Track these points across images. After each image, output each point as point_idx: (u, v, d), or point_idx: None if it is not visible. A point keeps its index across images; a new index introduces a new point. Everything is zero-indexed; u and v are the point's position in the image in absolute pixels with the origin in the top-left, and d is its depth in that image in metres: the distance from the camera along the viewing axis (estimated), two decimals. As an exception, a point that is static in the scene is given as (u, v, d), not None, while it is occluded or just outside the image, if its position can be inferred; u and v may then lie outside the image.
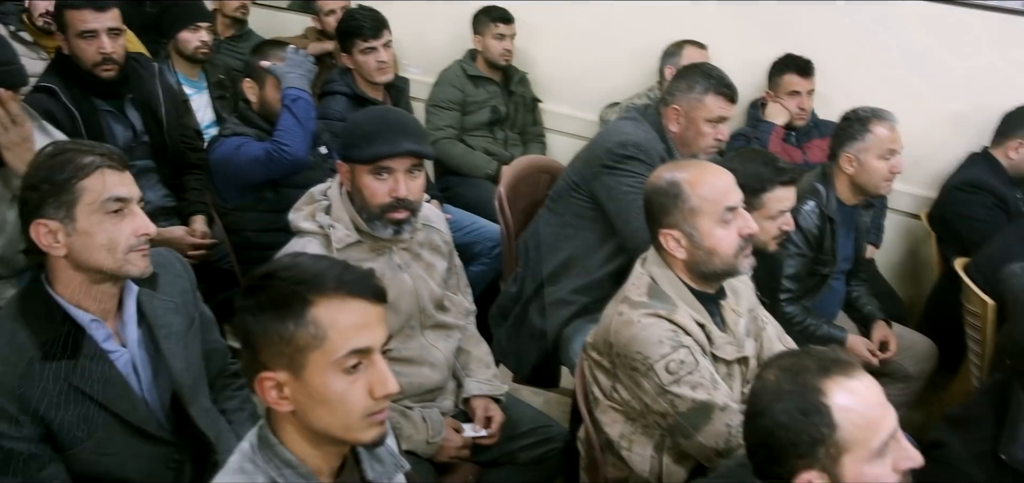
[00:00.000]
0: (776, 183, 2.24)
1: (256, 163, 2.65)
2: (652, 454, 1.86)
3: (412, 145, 1.96)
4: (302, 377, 1.20)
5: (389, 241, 2.03)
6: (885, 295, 3.35)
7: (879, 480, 1.25)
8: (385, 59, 3.23)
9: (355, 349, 1.21)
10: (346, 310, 1.21)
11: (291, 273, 1.22)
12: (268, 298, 1.21)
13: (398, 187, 1.95)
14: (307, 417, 1.23)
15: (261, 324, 1.21)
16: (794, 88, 3.50)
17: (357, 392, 1.22)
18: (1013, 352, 1.68)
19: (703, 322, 1.81)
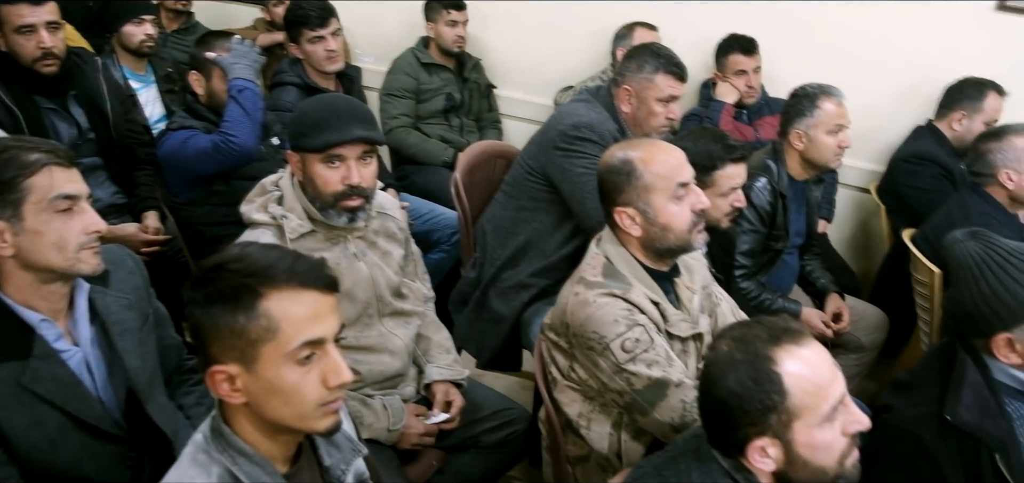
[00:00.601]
0: (727, 160, 2.27)
1: (204, 156, 2.61)
2: (610, 431, 1.88)
3: (363, 131, 1.95)
4: (254, 370, 1.19)
5: (344, 230, 2.01)
6: (838, 268, 3.42)
7: (829, 444, 1.28)
8: (334, 47, 3.20)
9: (308, 341, 1.20)
10: (298, 302, 1.20)
11: (241, 265, 1.20)
12: (217, 291, 1.19)
13: (350, 174, 1.94)
14: (261, 408, 1.22)
15: (211, 317, 1.19)
16: (740, 67, 3.55)
17: (311, 382, 1.22)
18: (956, 315, 1.72)
19: (658, 300, 1.83)
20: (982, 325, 1.65)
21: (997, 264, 1.65)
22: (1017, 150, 2.68)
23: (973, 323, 1.67)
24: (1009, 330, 1.62)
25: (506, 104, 3.98)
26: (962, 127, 3.28)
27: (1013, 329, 1.62)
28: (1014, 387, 1.68)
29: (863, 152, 3.65)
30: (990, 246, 1.68)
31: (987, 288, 1.64)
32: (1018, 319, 1.61)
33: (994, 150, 2.71)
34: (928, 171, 3.25)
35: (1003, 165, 2.69)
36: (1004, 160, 2.69)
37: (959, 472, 1.61)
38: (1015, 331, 1.62)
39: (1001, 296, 1.62)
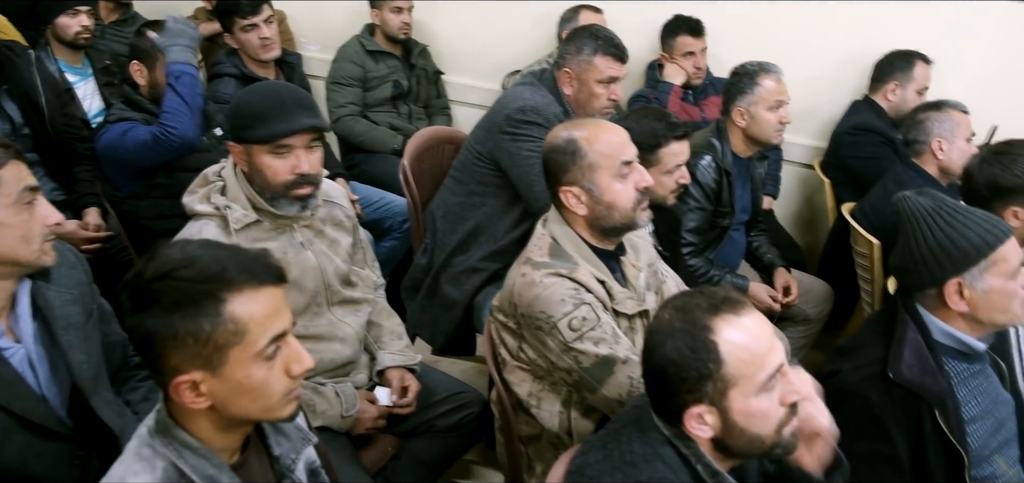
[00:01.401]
0: (670, 138, 2.30)
1: (145, 148, 2.55)
2: (560, 409, 1.90)
3: (310, 120, 1.93)
4: (221, 373, 1.19)
5: (290, 218, 2.00)
6: (785, 243, 3.49)
7: (765, 412, 1.30)
8: (268, 35, 3.14)
9: (274, 336, 1.21)
10: (259, 300, 1.20)
11: (193, 270, 1.17)
12: (174, 301, 1.16)
13: (300, 163, 1.92)
14: (227, 409, 1.22)
15: (170, 328, 1.16)
16: (689, 49, 3.60)
17: (276, 375, 1.22)
18: (906, 268, 1.77)
19: (603, 279, 1.85)
20: (936, 271, 1.71)
21: (947, 213, 1.72)
22: (952, 122, 2.77)
23: (927, 271, 1.72)
24: (960, 274, 1.69)
25: (454, 90, 3.97)
26: (896, 97, 3.40)
27: (963, 273, 1.68)
28: (952, 347, 1.74)
29: (805, 129, 3.73)
30: (939, 200, 1.75)
31: (940, 233, 1.70)
32: (970, 262, 1.68)
33: (931, 119, 2.81)
34: (870, 140, 3.35)
35: (937, 134, 2.78)
36: (939, 129, 2.78)
37: (902, 429, 1.67)
38: (965, 275, 1.68)
39: (953, 239, 1.69)
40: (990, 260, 1.68)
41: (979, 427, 1.73)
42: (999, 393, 1.82)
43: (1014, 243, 1.71)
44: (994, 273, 1.68)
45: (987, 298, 1.69)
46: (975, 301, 1.69)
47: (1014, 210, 2.13)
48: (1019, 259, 1.70)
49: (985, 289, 1.68)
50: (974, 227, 1.69)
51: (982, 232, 1.69)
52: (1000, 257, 1.68)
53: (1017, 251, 1.71)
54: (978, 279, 1.68)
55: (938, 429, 1.66)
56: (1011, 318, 1.72)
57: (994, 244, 1.68)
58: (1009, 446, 1.82)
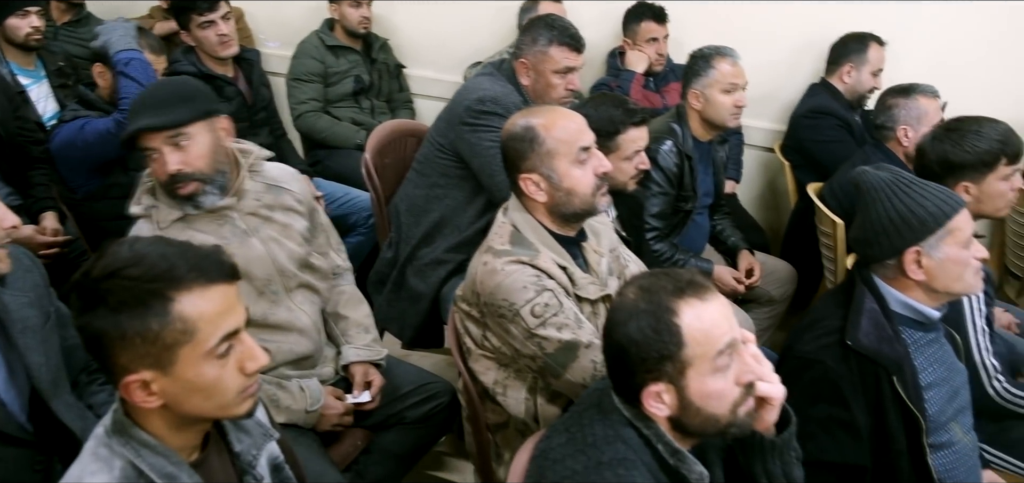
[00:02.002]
0: (628, 124, 2.32)
1: (106, 137, 2.51)
2: (526, 396, 1.91)
3: (148, 120, 1.87)
4: (172, 372, 1.17)
5: (225, 208, 1.97)
6: (748, 226, 3.54)
7: (721, 392, 1.33)
8: (226, 32, 3.11)
9: (225, 335, 1.19)
10: (209, 298, 1.18)
11: (141, 269, 1.15)
12: (120, 300, 1.14)
13: (166, 163, 1.88)
14: (180, 408, 1.21)
15: (117, 327, 1.14)
16: (652, 35, 3.62)
17: (230, 373, 1.21)
18: (866, 239, 1.81)
19: (565, 265, 1.86)
20: (896, 241, 1.75)
21: (905, 185, 1.76)
22: (920, 110, 2.80)
23: (887, 241, 1.76)
24: (918, 243, 1.73)
25: (417, 83, 3.96)
26: (852, 79, 3.45)
27: (921, 242, 1.73)
28: (908, 316, 1.78)
29: (765, 113, 3.78)
30: (895, 174, 1.79)
31: (900, 204, 1.74)
32: (928, 231, 1.72)
33: (899, 105, 2.84)
34: (827, 124, 3.40)
35: (903, 121, 2.82)
36: (906, 116, 2.82)
37: (860, 395, 1.70)
38: (923, 244, 1.73)
39: (912, 209, 1.73)
40: (946, 229, 1.72)
41: (936, 394, 1.78)
42: (954, 362, 1.86)
43: (967, 214, 1.76)
44: (949, 242, 1.72)
45: (943, 267, 1.73)
46: (932, 270, 1.73)
47: (965, 185, 2.17)
48: (971, 229, 1.76)
49: (941, 258, 1.73)
50: (931, 198, 1.74)
51: (938, 203, 1.73)
52: (955, 226, 1.72)
53: (969, 222, 1.76)
54: (935, 248, 1.73)
55: (896, 395, 1.70)
56: (965, 286, 1.77)
57: (950, 214, 1.72)
58: (964, 414, 1.87)
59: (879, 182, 1.78)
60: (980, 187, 2.16)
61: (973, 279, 1.76)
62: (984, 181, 2.15)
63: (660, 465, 1.34)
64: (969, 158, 2.15)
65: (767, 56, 3.66)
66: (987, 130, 2.15)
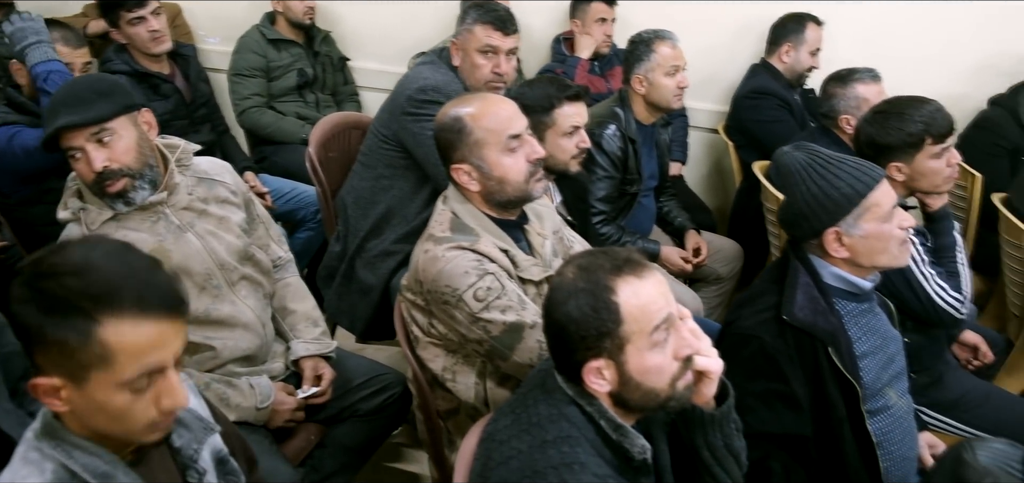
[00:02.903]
0: (563, 99, 2.34)
1: (34, 154, 2.45)
2: (475, 381, 1.92)
3: (70, 116, 1.81)
4: (83, 389, 1.12)
5: (158, 204, 1.94)
6: (695, 207, 3.59)
7: (660, 367, 1.35)
8: (157, 28, 3.03)
9: (147, 371, 1.13)
10: (139, 331, 1.11)
11: (79, 282, 1.09)
12: (49, 304, 1.08)
13: (92, 160, 1.83)
14: (86, 421, 1.17)
15: (40, 328, 1.09)
16: (601, 16, 3.65)
17: (143, 406, 1.15)
18: (789, 221, 1.85)
19: (507, 248, 1.87)
20: (814, 223, 1.78)
21: (820, 166, 1.79)
22: (858, 98, 2.86)
23: (807, 223, 1.80)
24: (836, 223, 1.76)
25: (362, 75, 3.94)
26: (791, 59, 3.53)
27: (839, 222, 1.76)
28: (841, 288, 1.83)
29: (709, 95, 3.84)
30: (813, 154, 1.82)
31: (815, 187, 1.77)
32: (843, 211, 1.75)
33: (838, 95, 2.90)
34: (768, 104, 3.47)
35: (844, 110, 2.88)
36: (846, 106, 2.88)
37: (797, 368, 1.74)
38: (841, 224, 1.76)
39: (827, 192, 1.76)
40: (862, 207, 1.75)
41: (871, 362, 1.82)
42: (888, 330, 1.91)
43: (885, 187, 1.78)
44: (868, 218, 1.75)
45: (865, 243, 1.76)
46: (854, 247, 1.77)
47: (896, 166, 2.22)
48: (892, 202, 1.78)
49: (862, 235, 1.76)
50: (844, 177, 1.76)
51: (852, 181, 1.76)
52: (872, 203, 1.75)
53: (889, 194, 1.78)
54: (853, 226, 1.76)
55: (832, 365, 1.74)
56: (891, 259, 1.80)
57: (864, 191, 1.75)
58: (899, 379, 1.92)
59: (796, 164, 1.81)
60: (911, 166, 2.20)
61: (899, 251, 1.80)
62: (913, 161, 2.19)
63: (603, 441, 1.36)
64: (893, 141, 2.19)
65: (709, 39, 3.72)
66: (911, 112, 2.18)
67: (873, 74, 2.89)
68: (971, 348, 2.58)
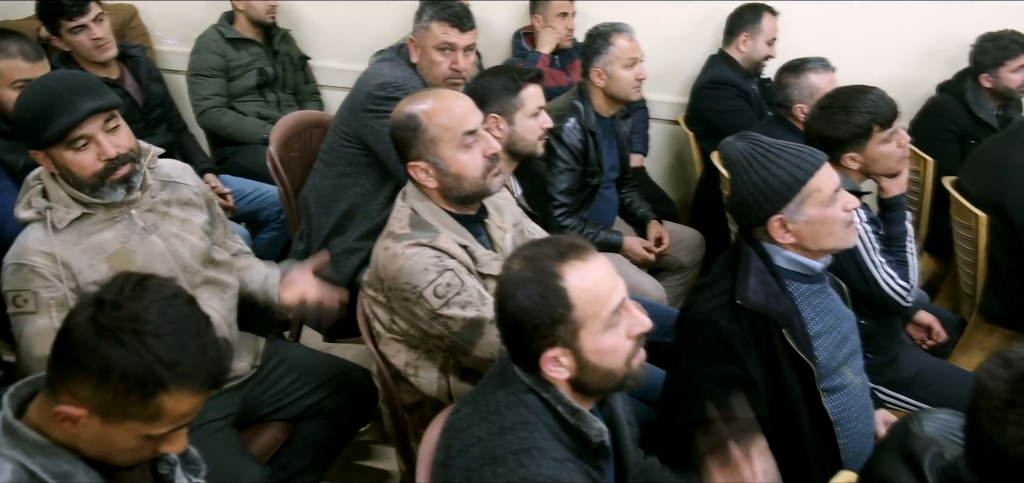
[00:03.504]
0: (526, 81, 2.38)
1: None
2: (438, 375, 1.94)
3: (92, 103, 1.82)
4: (110, 424, 1.18)
5: (124, 204, 1.93)
6: (657, 197, 3.64)
7: (614, 347, 1.38)
8: (100, 35, 2.97)
9: (177, 427, 1.22)
10: (192, 401, 1.21)
11: (163, 346, 1.16)
12: (124, 355, 1.14)
13: (104, 149, 1.84)
14: (84, 444, 1.22)
15: (104, 366, 1.14)
16: (563, 10, 3.67)
17: (147, 451, 1.24)
18: (735, 209, 1.89)
19: (466, 243, 1.89)
20: (758, 212, 1.82)
21: (760, 154, 1.82)
22: (811, 86, 2.93)
23: (751, 212, 1.83)
24: (779, 212, 1.80)
25: (323, 74, 3.92)
26: (748, 48, 3.59)
27: (782, 210, 1.80)
28: (793, 270, 1.86)
29: (669, 86, 3.89)
30: (754, 143, 1.85)
31: (756, 176, 1.80)
32: (784, 200, 1.79)
33: (792, 85, 2.98)
34: (726, 94, 3.53)
35: (798, 99, 2.95)
36: (799, 95, 2.95)
37: (753, 351, 1.77)
38: (784, 211, 1.80)
39: (767, 180, 1.79)
40: (803, 194, 1.78)
41: (825, 341, 1.86)
42: (841, 310, 1.95)
43: (826, 171, 1.81)
44: (810, 204, 1.78)
45: (810, 227, 1.80)
46: (799, 232, 1.80)
47: (850, 156, 2.28)
48: (834, 186, 1.81)
49: (805, 220, 1.79)
50: (784, 165, 1.79)
51: (791, 169, 1.78)
52: (813, 188, 1.78)
53: (830, 179, 1.81)
54: (796, 213, 1.79)
55: (787, 346, 1.78)
56: (837, 241, 1.84)
57: (804, 178, 1.78)
58: (854, 357, 1.96)
59: (738, 154, 1.84)
60: (864, 154, 2.26)
61: (845, 233, 1.83)
62: (865, 149, 2.25)
63: (561, 425, 1.39)
64: (842, 134, 2.24)
65: (668, 32, 3.77)
66: (855, 104, 2.24)
67: (825, 63, 2.96)
68: (925, 328, 2.65)
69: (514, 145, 2.38)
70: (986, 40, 3.47)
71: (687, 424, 1.77)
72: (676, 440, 1.82)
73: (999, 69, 3.43)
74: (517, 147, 2.40)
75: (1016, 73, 3.42)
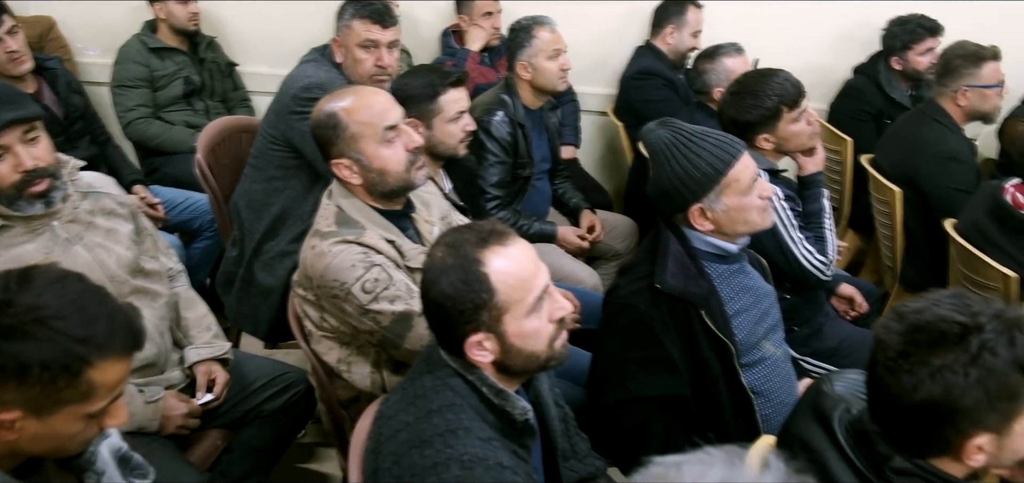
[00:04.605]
0: (446, 85, 2.39)
1: None
2: (371, 370, 1.96)
3: (12, 112, 1.81)
4: (46, 419, 1.18)
5: (44, 216, 1.90)
6: (590, 188, 3.70)
7: (537, 331, 1.42)
8: (14, 47, 2.90)
9: (113, 398, 1.22)
10: (118, 368, 1.21)
11: (69, 324, 1.15)
12: (35, 346, 1.13)
13: (21, 160, 1.82)
14: (22, 447, 1.20)
15: (18, 366, 1.13)
16: (488, 9, 3.71)
17: (91, 428, 1.24)
18: (657, 196, 1.94)
19: (393, 238, 1.90)
20: (679, 200, 1.87)
21: (682, 144, 1.86)
22: (726, 70, 3.03)
23: (672, 200, 1.88)
24: (700, 200, 1.85)
25: (252, 80, 3.87)
26: (674, 40, 3.69)
27: (702, 199, 1.85)
28: (711, 252, 1.92)
29: (598, 78, 3.96)
30: (676, 131, 1.89)
31: (677, 166, 1.85)
32: (705, 190, 1.84)
33: (708, 71, 3.08)
34: (653, 84, 3.61)
35: (715, 84, 3.05)
36: (716, 79, 3.05)
37: (672, 332, 1.82)
38: (704, 200, 1.85)
39: (688, 170, 1.84)
40: (723, 184, 1.83)
41: (744, 319, 1.92)
42: (760, 287, 2.02)
43: (745, 161, 1.87)
44: (729, 194, 1.84)
45: (727, 215, 1.86)
46: (718, 219, 1.86)
47: (763, 137, 2.36)
48: (751, 175, 1.87)
49: (724, 208, 1.85)
50: (705, 156, 1.84)
51: (711, 160, 1.83)
52: (732, 179, 1.84)
53: (749, 168, 1.87)
54: (716, 201, 1.85)
55: (706, 327, 1.83)
56: (751, 227, 1.90)
57: (723, 169, 1.83)
58: (774, 331, 2.03)
59: (659, 142, 1.88)
60: (776, 134, 2.35)
61: (760, 218, 1.89)
62: (776, 129, 2.35)
63: (487, 406, 1.42)
64: (753, 118, 2.33)
65: (596, 26, 3.84)
66: (763, 88, 2.33)
67: (737, 47, 3.07)
68: (847, 300, 2.75)
69: (434, 148, 2.40)
70: (895, 24, 3.64)
71: (611, 405, 1.83)
72: (602, 421, 1.87)
73: (907, 52, 3.60)
74: (437, 150, 2.42)
75: (923, 56, 3.59)
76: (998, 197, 2.52)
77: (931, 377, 1.18)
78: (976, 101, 3.01)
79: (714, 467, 0.87)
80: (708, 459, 0.87)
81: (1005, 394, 1.19)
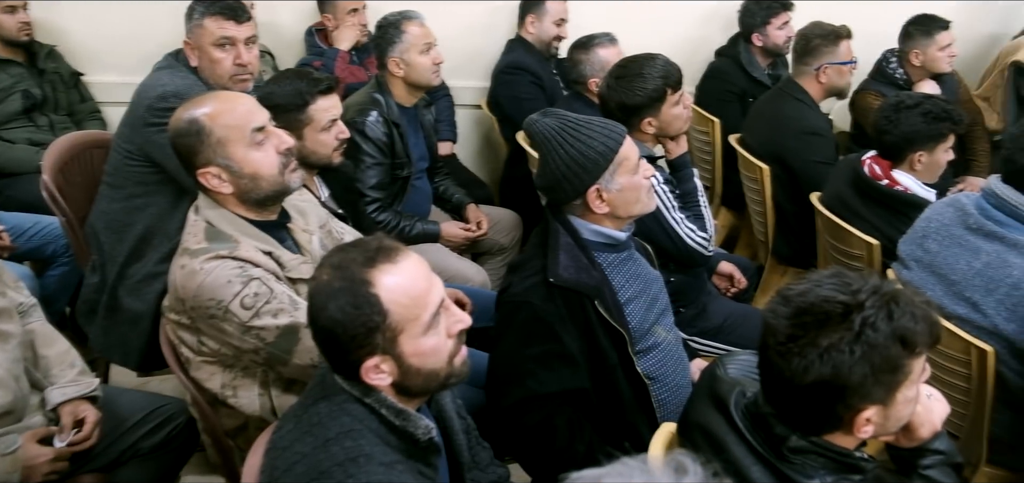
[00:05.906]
0: (315, 93, 2.29)
1: None
2: (259, 392, 1.85)
3: None
4: None
5: None
6: (471, 182, 3.67)
7: (435, 348, 1.36)
8: None
9: None
10: None
11: None
12: None
13: None
14: None
15: None
16: (353, 7, 3.60)
17: None
18: (548, 186, 1.93)
19: (270, 250, 1.81)
20: (576, 184, 1.87)
21: (571, 130, 1.87)
22: (601, 60, 3.09)
23: (569, 185, 1.87)
24: (596, 181, 1.86)
25: (102, 90, 3.61)
26: (536, 30, 3.72)
27: (598, 180, 1.86)
28: (600, 242, 1.93)
29: (471, 72, 3.94)
30: (561, 118, 1.90)
31: (572, 149, 1.85)
32: (601, 168, 1.85)
33: (583, 61, 3.14)
34: (521, 80, 3.63)
35: (591, 74, 3.12)
36: (591, 70, 3.12)
37: (569, 325, 1.82)
38: (600, 181, 1.86)
39: (584, 152, 1.85)
40: (615, 162, 1.86)
41: (636, 306, 1.94)
42: (648, 273, 2.05)
43: (630, 142, 1.92)
44: (621, 172, 1.87)
45: (622, 195, 1.88)
46: (613, 201, 1.88)
47: (648, 120, 2.41)
48: (637, 155, 1.92)
49: (618, 188, 1.87)
50: (596, 137, 1.87)
51: (603, 140, 1.87)
52: (623, 157, 1.88)
53: (633, 148, 1.92)
54: (611, 181, 1.87)
55: (600, 317, 1.84)
56: (643, 207, 1.94)
57: (615, 148, 1.87)
58: (665, 316, 2.07)
59: (548, 131, 1.89)
60: (659, 118, 2.41)
61: (648, 198, 1.95)
62: (660, 112, 2.40)
63: (388, 428, 1.35)
64: (641, 99, 2.38)
65: (466, 19, 3.81)
66: (647, 71, 2.38)
67: (611, 37, 3.13)
68: (727, 277, 2.85)
69: (306, 158, 2.29)
70: (751, 3, 3.79)
71: (512, 405, 1.81)
72: (504, 421, 1.85)
73: (767, 27, 3.76)
74: (309, 160, 2.32)
75: (781, 29, 3.76)
76: (858, 170, 2.66)
77: (820, 358, 1.21)
78: (834, 78, 3.19)
79: (633, 476, 0.85)
80: (626, 470, 0.85)
81: (888, 367, 1.23)
